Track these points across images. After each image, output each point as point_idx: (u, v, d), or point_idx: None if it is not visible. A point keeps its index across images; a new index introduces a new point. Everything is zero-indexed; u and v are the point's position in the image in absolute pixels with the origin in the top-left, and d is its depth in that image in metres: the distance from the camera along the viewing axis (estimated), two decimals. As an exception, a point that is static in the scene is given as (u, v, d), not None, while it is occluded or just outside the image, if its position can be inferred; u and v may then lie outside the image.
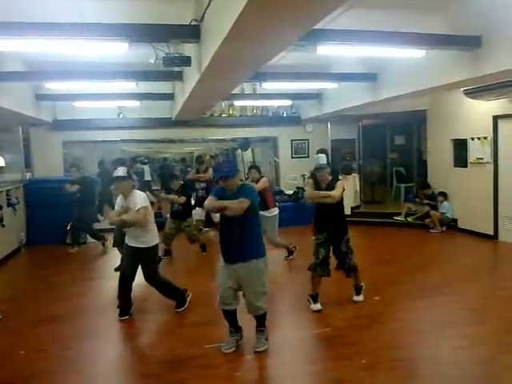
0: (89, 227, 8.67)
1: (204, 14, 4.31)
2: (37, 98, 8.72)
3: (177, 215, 7.51)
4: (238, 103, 10.59)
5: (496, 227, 8.22)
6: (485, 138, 8.21)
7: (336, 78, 7.93)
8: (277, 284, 5.97)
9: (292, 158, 11.67)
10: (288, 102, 10.78)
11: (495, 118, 8.01)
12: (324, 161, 5.19)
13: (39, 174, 10.03)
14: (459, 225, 9.18)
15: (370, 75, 7.61)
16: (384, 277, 6.29)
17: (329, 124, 11.41)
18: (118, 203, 5.05)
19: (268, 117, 11.41)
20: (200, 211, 9.03)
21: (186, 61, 4.97)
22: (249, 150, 14.38)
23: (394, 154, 12.47)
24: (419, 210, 9.76)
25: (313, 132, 11.61)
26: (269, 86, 7.98)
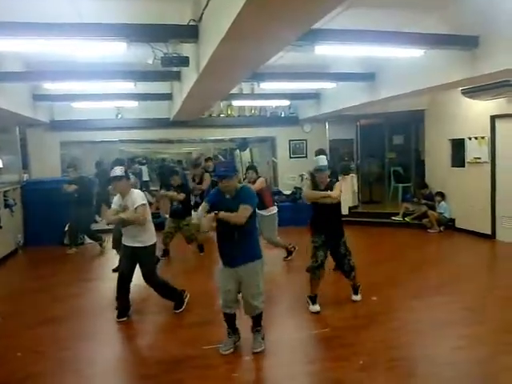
0: (86, 228, 8.64)
1: (202, 15, 4.31)
2: (34, 99, 8.69)
3: (176, 214, 7.50)
4: (236, 103, 10.58)
5: (494, 227, 8.23)
6: (482, 138, 8.22)
7: (334, 78, 7.93)
8: (275, 285, 5.97)
9: (290, 158, 11.68)
10: (286, 102, 10.77)
11: (493, 118, 8.02)
12: (325, 162, 5.10)
13: (36, 175, 10.00)
14: (457, 224, 9.19)
15: (368, 75, 7.61)
16: (382, 277, 6.29)
17: (327, 124, 11.39)
18: (116, 202, 5.03)
19: (266, 117, 11.41)
20: (197, 214, 8.89)
21: (184, 61, 4.97)
22: (247, 151, 14.37)
23: (392, 154, 12.44)
24: (417, 210, 9.75)
25: (311, 132, 11.62)
26: (267, 86, 7.97)
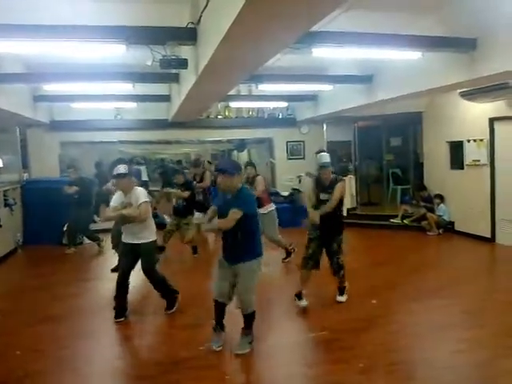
0: (85, 228, 8.65)
1: (201, 17, 4.32)
2: (34, 99, 8.70)
3: (178, 212, 7.52)
4: (234, 105, 10.58)
5: (493, 230, 8.19)
6: (481, 140, 8.20)
7: (331, 80, 7.91)
8: (273, 286, 5.99)
9: (288, 160, 11.69)
10: (284, 104, 10.77)
11: (491, 121, 8.01)
12: (327, 159, 5.17)
13: (36, 175, 10.01)
14: (456, 227, 9.16)
15: (366, 77, 7.62)
16: (381, 279, 6.28)
17: (324, 125, 11.39)
18: (116, 200, 5.01)
19: (263, 118, 11.42)
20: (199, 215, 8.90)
21: (183, 63, 4.97)
22: (245, 151, 14.42)
23: (390, 156, 12.42)
24: (416, 213, 9.71)
25: (308, 133, 11.62)
26: (265, 88, 7.96)
